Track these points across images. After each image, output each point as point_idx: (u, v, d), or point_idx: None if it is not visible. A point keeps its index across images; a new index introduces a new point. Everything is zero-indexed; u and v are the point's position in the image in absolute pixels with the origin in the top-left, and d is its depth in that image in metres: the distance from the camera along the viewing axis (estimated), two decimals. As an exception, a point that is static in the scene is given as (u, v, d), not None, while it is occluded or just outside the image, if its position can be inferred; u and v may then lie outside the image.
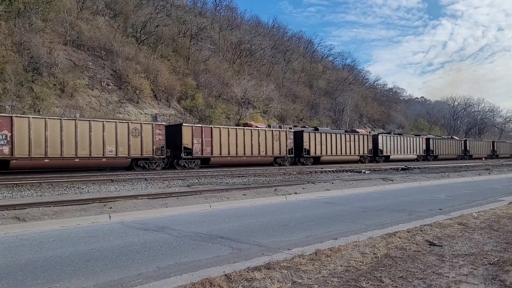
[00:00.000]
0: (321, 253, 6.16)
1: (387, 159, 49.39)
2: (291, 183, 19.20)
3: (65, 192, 15.64)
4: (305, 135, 39.62)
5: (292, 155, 38.34)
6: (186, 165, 30.68)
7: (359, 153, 45.62)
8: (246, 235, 8.10)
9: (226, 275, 5.16)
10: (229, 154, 33.13)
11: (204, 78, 57.52)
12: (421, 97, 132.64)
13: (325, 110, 77.28)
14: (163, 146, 29.18)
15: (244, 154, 34.23)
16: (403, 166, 35.10)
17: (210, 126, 32.84)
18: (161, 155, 29.10)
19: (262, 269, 5.41)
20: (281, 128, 39.82)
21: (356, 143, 45.28)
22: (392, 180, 20.81)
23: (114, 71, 48.18)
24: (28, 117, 23.67)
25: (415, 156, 54.34)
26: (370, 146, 47.21)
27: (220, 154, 32.58)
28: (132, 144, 27.40)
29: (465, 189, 17.63)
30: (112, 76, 47.83)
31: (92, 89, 44.40)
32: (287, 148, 37.74)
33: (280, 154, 37.16)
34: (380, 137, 49.68)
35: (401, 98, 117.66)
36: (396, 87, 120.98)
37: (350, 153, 44.48)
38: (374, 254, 6.17)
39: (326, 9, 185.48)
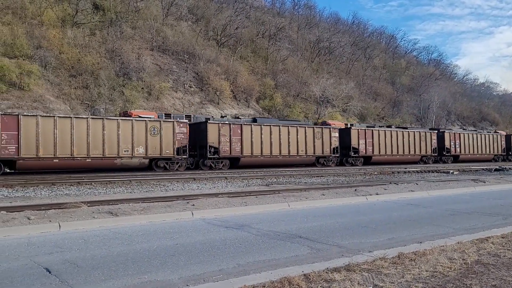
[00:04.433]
0: (405, 257, 5.90)
1: (455, 159, 44.11)
2: (371, 184, 18.63)
3: (152, 189, 16.57)
4: (353, 132, 36.10)
5: (337, 155, 35.08)
6: (213, 166, 28.67)
7: (420, 152, 40.74)
8: (325, 235, 8.00)
9: (305, 275, 5.14)
10: (262, 153, 30.46)
11: (282, 77, 57.81)
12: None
13: (409, 107, 73.83)
14: (186, 145, 27.37)
15: (280, 153, 31.39)
16: (497, 167, 32.50)
17: (240, 123, 30.26)
18: (183, 154, 27.26)
19: (342, 270, 5.31)
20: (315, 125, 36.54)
21: (417, 141, 40.35)
22: (484, 182, 19.35)
23: (196, 74, 50.15)
24: (36, 116, 22.66)
25: (492, 156, 47.89)
26: (435, 145, 42.03)
27: (252, 153, 29.92)
28: (150, 144, 25.69)
29: None
30: (194, 78, 49.83)
31: (176, 92, 46.61)
32: (331, 147, 34.35)
33: (323, 153, 33.88)
34: (447, 134, 43.94)
35: (494, 93, 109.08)
36: (488, 82, 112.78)
37: (409, 152, 39.78)
38: (463, 260, 5.78)
39: (409, 3, 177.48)
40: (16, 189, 15.79)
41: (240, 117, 35.16)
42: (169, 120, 27.76)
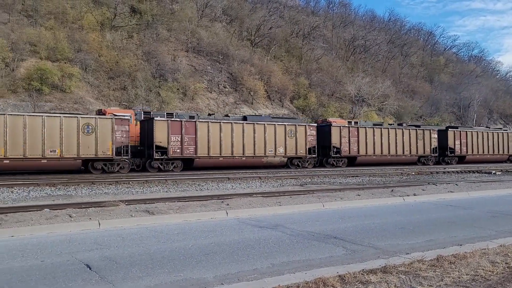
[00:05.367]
0: (444, 260, 5.74)
1: None
2: (409, 184, 18.23)
3: (187, 188, 16.81)
4: (450, 134, 38.76)
5: (436, 154, 38.00)
6: (335, 164, 31.87)
7: (508, 152, 43.28)
8: (361, 236, 7.88)
9: (340, 276, 5.08)
10: (374, 153, 34.10)
11: (316, 77, 57.33)
12: None
13: (448, 106, 71.56)
14: (315, 146, 30.72)
15: (389, 153, 34.93)
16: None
17: (357, 126, 34.20)
18: (313, 154, 30.65)
19: (378, 272, 5.22)
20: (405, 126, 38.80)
21: (505, 141, 43.04)
22: (528, 183, 18.54)
23: (230, 74, 50.50)
24: (207, 122, 26.54)
25: None
26: None
27: (366, 153, 33.63)
28: (288, 145, 29.40)
29: None
30: (228, 78, 50.19)
31: (211, 92, 47.10)
32: (431, 147, 37.50)
33: (424, 153, 37.12)
34: None
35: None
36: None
37: (498, 152, 42.32)
38: (506, 263, 5.56)
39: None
40: (58, 187, 16.40)
41: (229, 115, 35.34)
42: (302, 124, 31.76)
